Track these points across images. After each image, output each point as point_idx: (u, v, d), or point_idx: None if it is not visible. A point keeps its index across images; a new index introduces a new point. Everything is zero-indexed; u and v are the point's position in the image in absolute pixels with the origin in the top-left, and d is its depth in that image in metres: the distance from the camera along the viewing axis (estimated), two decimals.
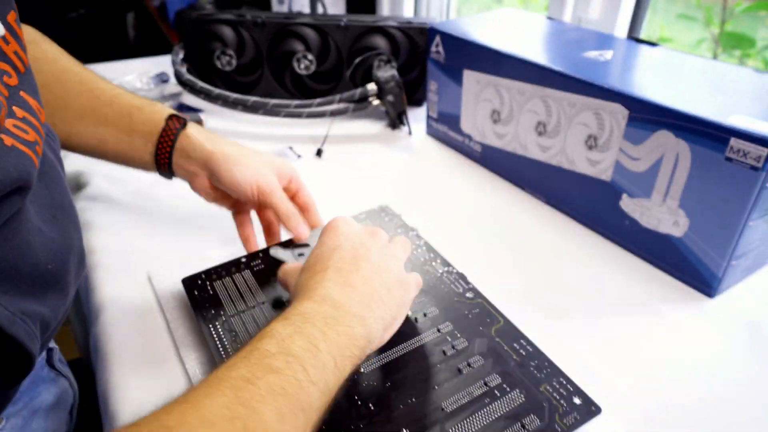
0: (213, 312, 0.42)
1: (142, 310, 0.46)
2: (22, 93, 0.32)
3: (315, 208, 0.51)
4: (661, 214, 0.49)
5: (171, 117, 0.48)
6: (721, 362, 0.41)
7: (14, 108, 0.31)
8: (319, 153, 0.71)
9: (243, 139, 0.74)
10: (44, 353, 0.47)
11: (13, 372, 0.32)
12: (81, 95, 0.47)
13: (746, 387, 0.39)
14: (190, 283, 0.45)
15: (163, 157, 0.48)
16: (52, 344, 0.48)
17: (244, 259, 0.48)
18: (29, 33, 0.49)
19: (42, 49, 0.48)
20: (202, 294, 0.44)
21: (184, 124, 0.48)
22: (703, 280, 0.47)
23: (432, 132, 0.75)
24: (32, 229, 0.33)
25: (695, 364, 0.41)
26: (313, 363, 0.27)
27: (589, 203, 0.55)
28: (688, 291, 0.48)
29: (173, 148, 0.47)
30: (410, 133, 0.76)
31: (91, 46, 1.55)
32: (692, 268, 0.48)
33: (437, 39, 0.67)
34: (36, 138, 0.32)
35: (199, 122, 0.52)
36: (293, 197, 0.50)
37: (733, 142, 0.42)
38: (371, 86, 0.73)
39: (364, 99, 0.74)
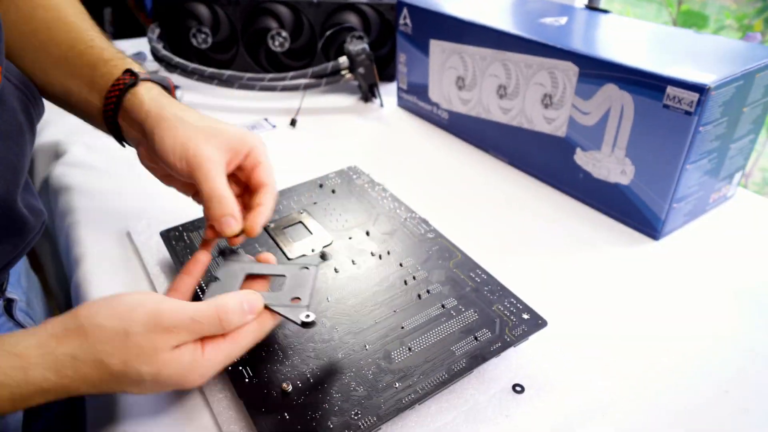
0: (189, 257, 0.45)
1: (122, 258, 0.48)
2: None
3: (268, 189, 0.39)
4: (610, 164, 0.52)
5: (127, 71, 0.40)
6: (659, 292, 0.45)
7: None
8: (293, 123, 0.73)
9: (219, 112, 0.76)
10: (0, 302, 0.47)
11: None
12: (61, 44, 0.42)
13: (677, 311, 0.43)
14: (168, 234, 0.48)
15: (108, 116, 0.41)
16: (13, 296, 0.49)
17: None
18: None
19: None
20: (179, 243, 0.46)
21: (135, 82, 0.39)
22: (648, 224, 0.51)
23: (402, 103, 0.78)
24: None
25: (636, 293, 0.45)
26: None
27: (547, 160, 0.59)
28: (634, 234, 0.52)
29: (118, 106, 0.40)
30: (382, 105, 0.79)
31: None
32: (638, 213, 0.52)
33: (405, 11, 0.70)
34: None
35: (166, 87, 0.42)
36: (248, 175, 0.40)
37: (669, 89, 0.45)
38: (343, 59, 0.76)
39: (336, 72, 0.76)
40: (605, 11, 0.63)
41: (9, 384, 0.26)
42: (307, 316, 0.32)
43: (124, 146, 0.44)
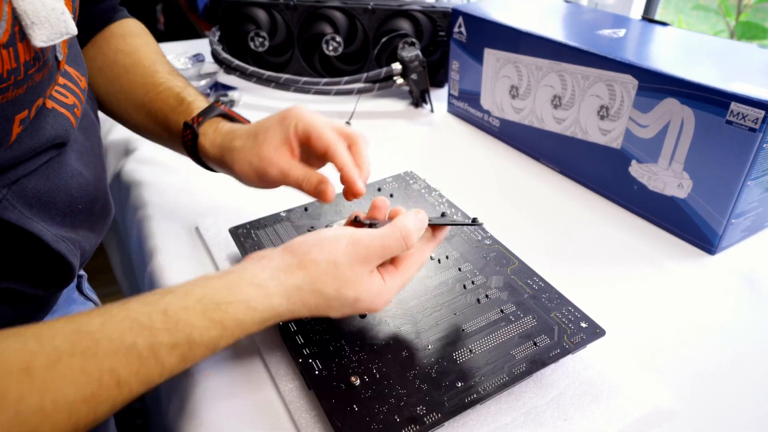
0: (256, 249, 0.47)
1: (192, 252, 0.51)
2: (65, 66, 0.38)
3: (336, 148, 0.40)
4: (667, 177, 0.53)
5: (186, 126, 0.46)
6: (716, 306, 0.45)
7: (58, 77, 0.37)
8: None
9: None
10: (75, 279, 0.52)
11: (59, 280, 0.39)
12: (138, 89, 0.50)
13: (733, 325, 0.43)
14: (236, 231, 0.50)
15: (197, 161, 0.48)
16: (81, 272, 0.54)
17: (283, 213, 0.53)
18: (127, 26, 0.54)
19: (126, 43, 0.52)
20: (248, 240, 0.49)
21: (195, 135, 0.46)
22: (704, 238, 0.51)
23: (453, 110, 0.80)
24: (72, 172, 0.39)
25: (692, 306, 0.45)
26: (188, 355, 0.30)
27: (601, 171, 0.59)
28: (690, 248, 0.52)
29: (196, 154, 0.47)
30: (432, 110, 0.81)
31: None
32: (695, 227, 0.52)
33: (460, 20, 0.72)
34: (75, 101, 0.38)
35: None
36: (311, 146, 0.41)
37: (734, 106, 0.45)
38: (396, 65, 0.78)
39: (389, 78, 0.78)
40: (664, 23, 0.63)
41: (259, 309, 0.32)
42: (474, 219, 0.40)
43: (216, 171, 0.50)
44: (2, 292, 0.36)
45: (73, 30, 0.31)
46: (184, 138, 0.46)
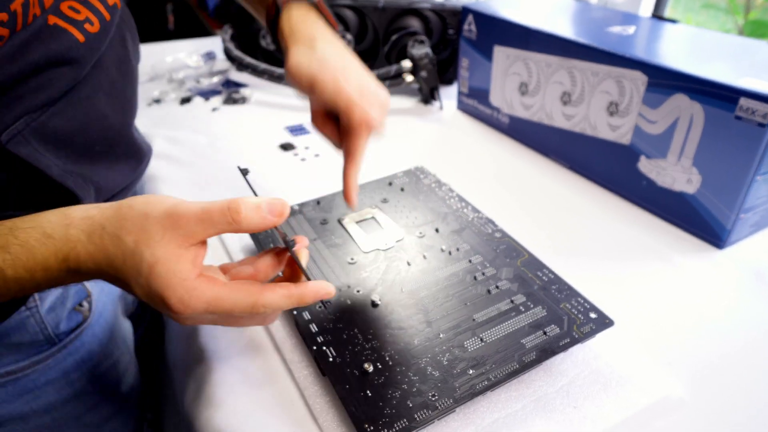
0: (272, 245, 0.48)
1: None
2: None
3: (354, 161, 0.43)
4: (675, 173, 0.53)
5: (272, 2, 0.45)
6: (724, 299, 0.46)
7: None
8: None
9: (286, 111, 0.80)
10: None
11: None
12: None
13: (742, 317, 0.44)
14: None
15: (274, 37, 0.47)
16: None
17: (296, 207, 0.54)
18: None
19: None
20: (262, 232, 0.50)
21: (279, 11, 0.45)
22: (713, 233, 0.52)
23: (462, 107, 0.80)
24: (97, 115, 0.38)
25: (700, 299, 0.46)
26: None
27: (610, 166, 0.60)
28: (699, 243, 0.52)
29: (275, 32, 0.46)
30: (442, 107, 0.81)
31: None
32: (703, 222, 0.52)
33: (470, 17, 0.72)
34: (87, 16, 0.36)
35: (238, 100, 0.49)
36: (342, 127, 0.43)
37: (743, 101, 0.46)
38: (406, 63, 0.78)
39: (399, 75, 0.79)
40: (673, 21, 0.63)
41: (55, 237, 0.28)
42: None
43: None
44: None
45: None
46: (268, 16, 0.46)
